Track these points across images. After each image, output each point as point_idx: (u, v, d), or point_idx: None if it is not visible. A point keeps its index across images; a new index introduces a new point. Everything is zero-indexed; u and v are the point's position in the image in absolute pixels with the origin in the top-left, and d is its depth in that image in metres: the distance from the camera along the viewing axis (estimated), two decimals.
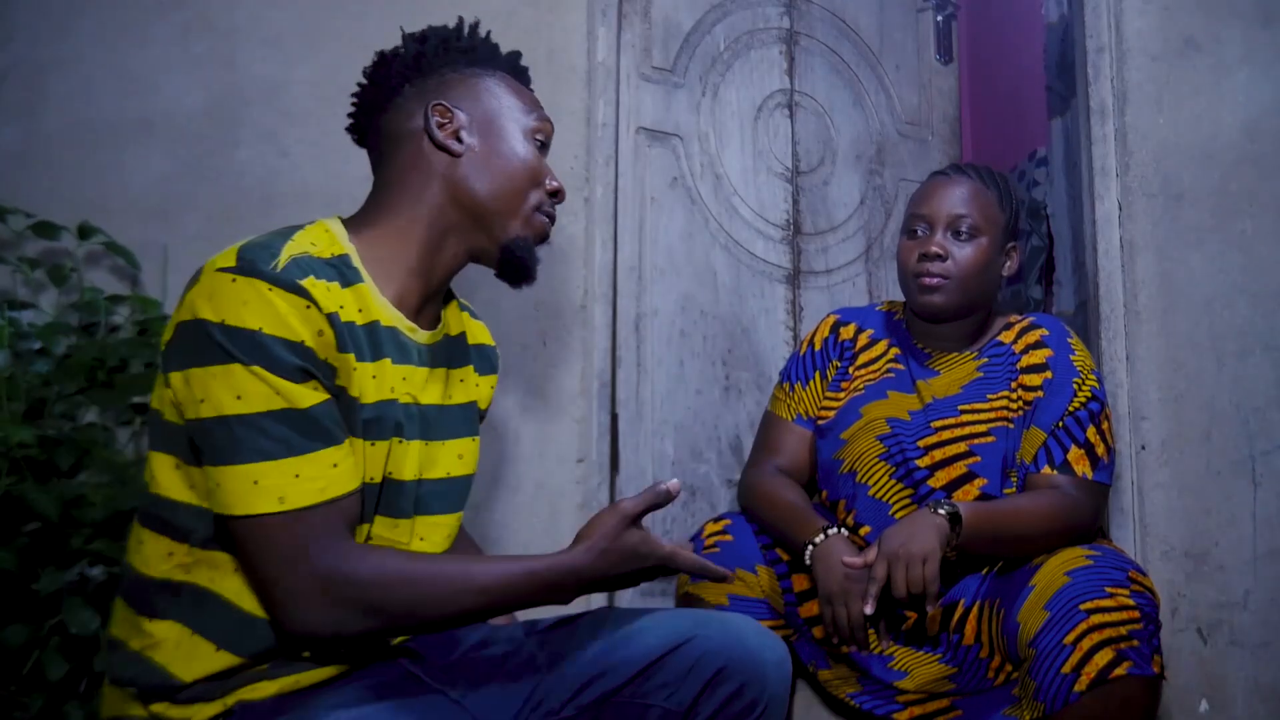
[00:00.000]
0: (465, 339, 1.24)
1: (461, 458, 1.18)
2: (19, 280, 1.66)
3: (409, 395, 1.10)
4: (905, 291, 1.61)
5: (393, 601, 0.95)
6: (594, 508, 1.82)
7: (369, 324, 1.04)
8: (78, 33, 1.80)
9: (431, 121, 1.10)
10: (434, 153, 1.11)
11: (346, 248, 1.07)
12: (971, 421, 1.52)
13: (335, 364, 0.99)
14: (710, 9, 2.22)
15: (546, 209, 1.17)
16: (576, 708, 1.09)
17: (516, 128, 1.15)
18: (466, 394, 1.21)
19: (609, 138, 1.95)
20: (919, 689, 1.47)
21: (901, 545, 1.34)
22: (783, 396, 1.69)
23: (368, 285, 1.06)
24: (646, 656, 1.09)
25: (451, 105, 1.12)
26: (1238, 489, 1.71)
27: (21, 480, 1.43)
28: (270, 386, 0.93)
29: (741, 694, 1.08)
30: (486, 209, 1.12)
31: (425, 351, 1.13)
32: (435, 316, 1.17)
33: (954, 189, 1.57)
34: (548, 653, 1.13)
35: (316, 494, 0.94)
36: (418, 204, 1.11)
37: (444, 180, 1.11)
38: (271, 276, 0.95)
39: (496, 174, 1.12)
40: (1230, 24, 1.82)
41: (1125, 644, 1.23)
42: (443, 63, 1.14)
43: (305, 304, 0.96)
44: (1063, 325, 1.59)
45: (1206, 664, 1.69)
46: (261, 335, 0.93)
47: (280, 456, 0.93)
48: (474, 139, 1.12)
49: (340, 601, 0.93)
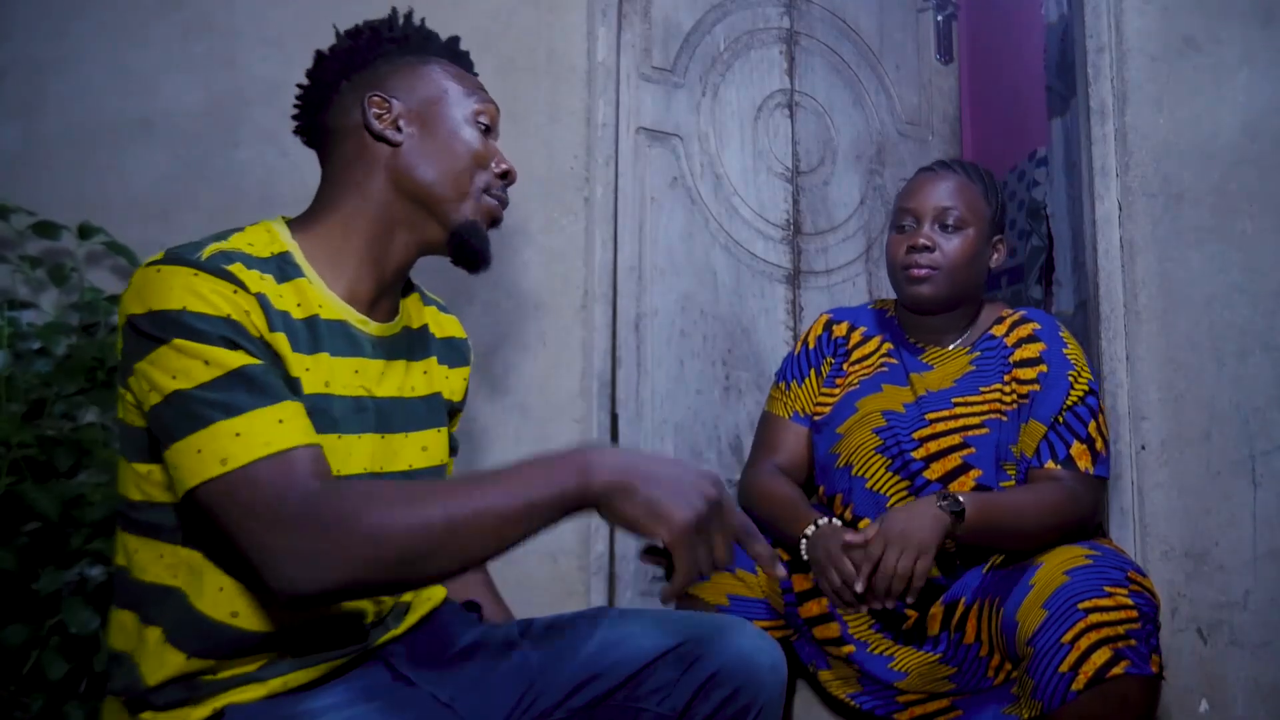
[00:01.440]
0: (428, 331, 1.23)
1: (426, 449, 1.16)
2: (19, 280, 1.66)
3: (363, 388, 1.08)
4: (894, 285, 1.62)
5: (388, 536, 0.85)
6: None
7: (308, 318, 1.03)
8: (78, 32, 1.80)
9: (369, 113, 1.09)
10: (374, 145, 1.10)
11: (288, 245, 1.06)
12: (965, 414, 1.53)
13: (270, 342, 0.97)
14: (710, 9, 2.22)
15: (496, 192, 1.15)
16: (568, 710, 1.09)
17: (457, 112, 1.13)
18: (430, 385, 1.19)
19: (609, 138, 1.95)
20: (919, 689, 1.47)
21: (901, 531, 1.35)
22: (779, 395, 1.70)
23: (309, 280, 1.05)
24: (640, 660, 1.08)
25: (387, 95, 1.10)
26: (1238, 489, 1.71)
27: (21, 480, 1.43)
28: (199, 357, 0.92)
29: (736, 698, 1.08)
30: (432, 195, 1.11)
31: (380, 343, 1.12)
32: (393, 309, 1.16)
33: (940, 183, 1.59)
34: (541, 654, 1.12)
35: (261, 448, 0.90)
36: (362, 197, 1.10)
37: (387, 171, 1.10)
38: (195, 263, 0.95)
39: (439, 160, 1.11)
40: (1230, 24, 1.82)
41: (1123, 643, 1.23)
42: (377, 54, 1.13)
43: (231, 288, 0.95)
44: (1053, 319, 1.61)
45: (1206, 664, 1.69)
46: (184, 314, 0.92)
47: (218, 419, 0.90)
48: (413, 127, 1.11)
49: (323, 549, 0.85)
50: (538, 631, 1.16)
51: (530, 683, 1.10)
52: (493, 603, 1.31)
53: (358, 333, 1.09)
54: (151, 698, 0.97)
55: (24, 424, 1.48)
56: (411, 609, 1.17)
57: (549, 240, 1.85)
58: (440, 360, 1.23)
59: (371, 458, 1.09)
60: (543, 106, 1.88)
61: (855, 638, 1.52)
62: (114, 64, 1.80)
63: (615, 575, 1.88)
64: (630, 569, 1.91)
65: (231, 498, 0.89)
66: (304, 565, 0.86)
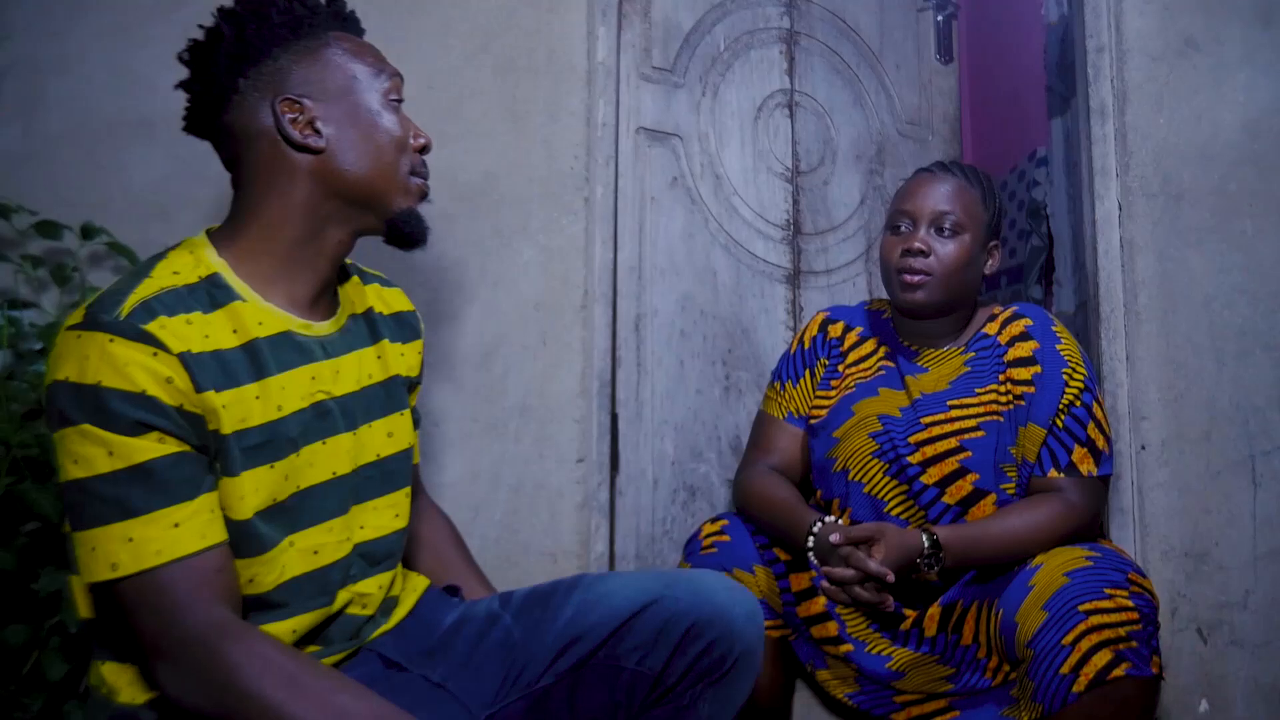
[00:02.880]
0: (374, 313, 1.20)
1: (391, 435, 1.15)
2: (21, 279, 1.66)
3: (322, 392, 1.07)
4: (888, 287, 1.60)
5: (262, 708, 0.89)
6: (594, 508, 1.82)
7: (246, 344, 1.01)
8: (78, 32, 1.80)
9: (283, 120, 1.04)
10: (293, 153, 1.05)
11: (215, 264, 1.03)
12: (961, 417, 1.52)
13: (197, 409, 0.95)
14: (710, 9, 2.22)
15: (420, 169, 1.12)
16: (555, 675, 1.10)
17: (371, 98, 1.08)
18: (385, 369, 1.18)
19: (609, 138, 1.95)
20: (916, 689, 1.47)
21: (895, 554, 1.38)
22: (774, 395, 1.70)
23: (243, 300, 1.02)
24: (617, 618, 1.09)
25: (297, 96, 1.04)
26: (1238, 489, 1.71)
27: (21, 480, 1.43)
28: (104, 445, 0.90)
29: (711, 650, 1.09)
30: (363, 192, 1.08)
31: (329, 342, 1.10)
32: (333, 301, 1.13)
33: (938, 186, 1.57)
34: (522, 624, 1.13)
35: (152, 557, 0.90)
36: (285, 202, 1.05)
37: (311, 176, 1.05)
38: (112, 326, 0.92)
39: (365, 156, 1.07)
40: (1230, 24, 1.82)
41: (1124, 645, 1.23)
42: (270, 41, 1.05)
43: (150, 351, 0.92)
44: (1046, 313, 1.58)
45: (1206, 664, 1.69)
46: (99, 389, 0.90)
47: (113, 520, 0.90)
48: (332, 128, 1.05)
49: (187, 683, 0.91)
50: (518, 603, 1.16)
51: (515, 655, 1.11)
52: (478, 584, 1.31)
53: (304, 339, 1.07)
54: (142, 715, 0.98)
55: (24, 424, 1.48)
56: (399, 603, 1.18)
57: (549, 240, 1.85)
58: (392, 339, 1.21)
59: (346, 456, 1.09)
60: (542, 106, 1.88)
61: (853, 637, 1.52)
62: (114, 64, 1.80)
63: None
64: (630, 569, 1.91)
65: (120, 602, 0.92)
66: (171, 682, 0.92)
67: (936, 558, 1.39)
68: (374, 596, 1.12)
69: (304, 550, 1.04)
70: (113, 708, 0.98)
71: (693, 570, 1.18)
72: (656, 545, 1.96)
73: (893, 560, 1.37)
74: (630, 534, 1.92)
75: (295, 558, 1.04)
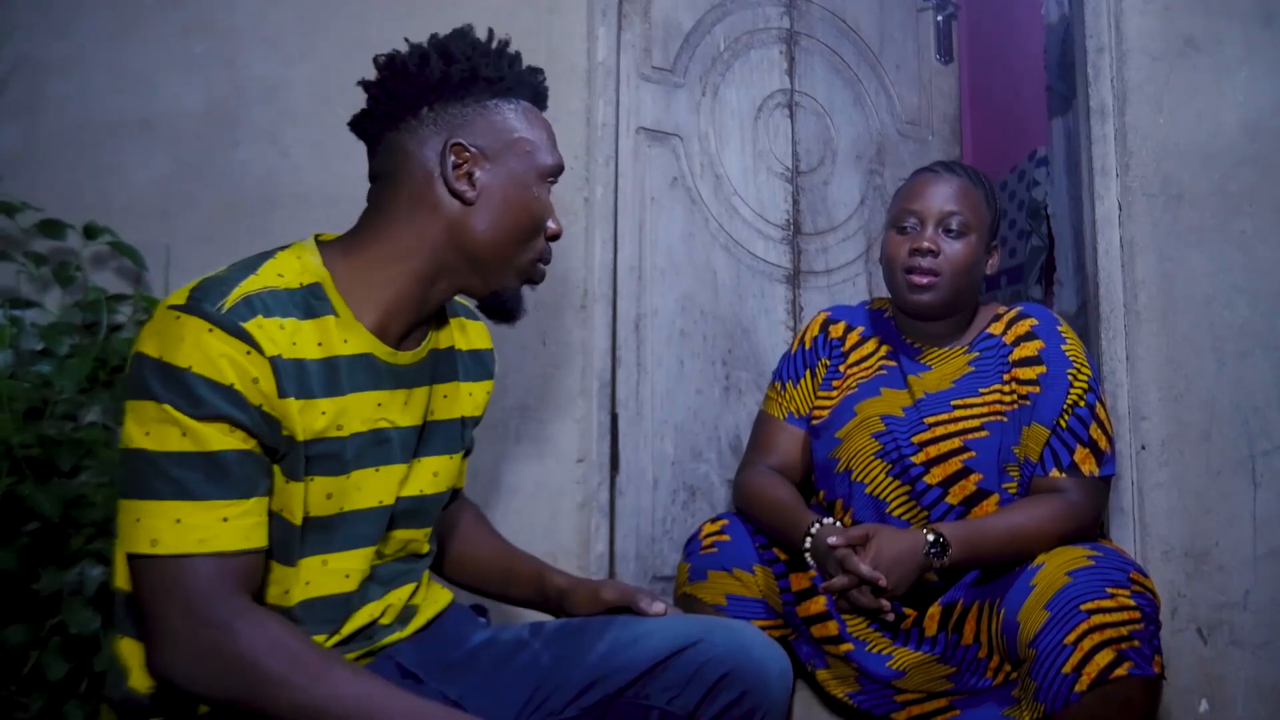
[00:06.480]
0: (454, 350, 1.21)
1: (436, 475, 1.15)
2: (23, 279, 1.66)
3: (385, 420, 1.07)
4: (892, 288, 1.59)
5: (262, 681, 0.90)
6: (594, 508, 1.82)
7: (327, 359, 1.01)
8: (78, 32, 1.80)
9: (448, 163, 1.05)
10: (444, 193, 1.06)
11: (319, 274, 1.03)
12: (964, 416, 1.51)
13: (275, 413, 0.96)
14: (710, 9, 2.22)
15: (544, 255, 1.13)
16: (579, 709, 1.10)
17: (533, 173, 1.09)
18: (450, 410, 1.18)
19: (609, 138, 1.95)
20: (917, 689, 1.47)
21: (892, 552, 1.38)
22: (775, 396, 1.70)
23: (336, 316, 1.03)
24: (651, 658, 1.09)
25: (470, 144, 1.06)
26: (1238, 489, 1.71)
27: (22, 480, 1.43)
28: (179, 427, 0.91)
29: (742, 701, 1.09)
30: (485, 256, 1.08)
31: (404, 373, 1.10)
32: (422, 336, 1.14)
33: (945, 185, 1.56)
34: (552, 653, 1.13)
35: (194, 544, 0.91)
36: (419, 239, 1.06)
37: (449, 223, 1.06)
38: (213, 316, 0.93)
39: (503, 225, 1.08)
40: (1230, 24, 1.82)
41: (1126, 644, 1.23)
42: (466, 90, 1.07)
43: (245, 349, 0.93)
44: (1051, 314, 1.58)
45: (1206, 664, 1.69)
46: (189, 374, 0.91)
47: (168, 497, 0.91)
48: (487, 182, 1.06)
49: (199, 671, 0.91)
50: (549, 632, 1.16)
51: (541, 681, 1.11)
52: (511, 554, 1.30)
53: (382, 365, 1.07)
54: (149, 703, 0.98)
55: (25, 424, 1.48)
56: (418, 612, 1.17)
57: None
58: (464, 378, 1.21)
59: (399, 486, 1.09)
60: None
61: (853, 636, 1.52)
62: (114, 64, 1.80)
63: (615, 576, 1.88)
64: (630, 569, 1.91)
65: (148, 580, 0.92)
66: (179, 667, 0.91)
67: (943, 551, 1.39)
68: (394, 606, 1.13)
69: (335, 572, 1.05)
70: (123, 689, 0.98)
71: (730, 620, 1.18)
72: (656, 545, 1.96)
73: (887, 561, 1.37)
74: (630, 534, 1.92)
75: (326, 577, 1.04)
